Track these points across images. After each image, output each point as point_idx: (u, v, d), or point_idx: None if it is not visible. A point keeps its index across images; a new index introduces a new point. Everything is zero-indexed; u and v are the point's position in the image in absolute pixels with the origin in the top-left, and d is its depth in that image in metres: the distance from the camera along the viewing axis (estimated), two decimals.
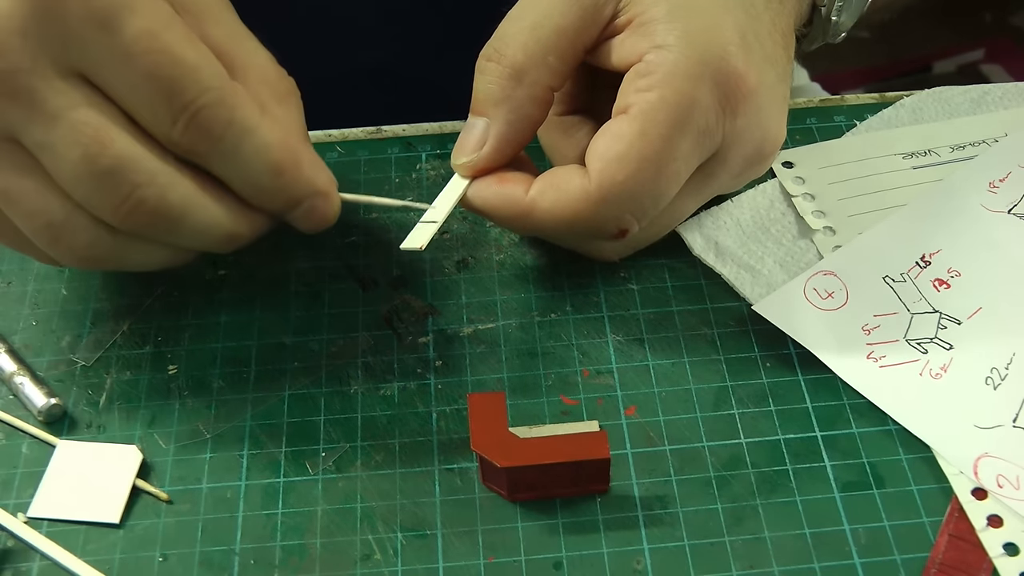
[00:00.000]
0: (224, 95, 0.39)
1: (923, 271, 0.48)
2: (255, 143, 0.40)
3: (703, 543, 0.40)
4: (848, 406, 0.44)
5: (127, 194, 0.38)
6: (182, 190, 0.40)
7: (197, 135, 0.39)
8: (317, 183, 0.42)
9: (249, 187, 0.41)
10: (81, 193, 0.39)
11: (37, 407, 0.44)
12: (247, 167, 0.40)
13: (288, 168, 0.41)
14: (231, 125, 0.39)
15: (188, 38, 0.39)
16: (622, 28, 0.44)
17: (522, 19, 0.44)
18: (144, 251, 0.42)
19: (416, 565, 0.40)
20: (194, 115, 0.38)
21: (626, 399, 0.45)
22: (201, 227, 0.41)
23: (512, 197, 0.44)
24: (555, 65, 0.44)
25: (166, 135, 0.39)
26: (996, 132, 0.54)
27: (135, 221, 0.39)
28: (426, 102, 0.59)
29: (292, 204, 0.42)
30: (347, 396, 0.45)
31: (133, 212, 0.39)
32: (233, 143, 0.39)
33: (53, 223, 0.40)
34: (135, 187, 0.38)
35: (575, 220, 0.43)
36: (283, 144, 0.41)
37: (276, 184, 0.41)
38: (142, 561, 0.41)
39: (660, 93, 0.42)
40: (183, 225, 0.40)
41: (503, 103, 0.44)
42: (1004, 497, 0.41)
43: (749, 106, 0.43)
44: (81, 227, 0.40)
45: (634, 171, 0.42)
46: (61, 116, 0.38)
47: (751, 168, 0.47)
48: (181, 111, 0.38)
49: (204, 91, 0.38)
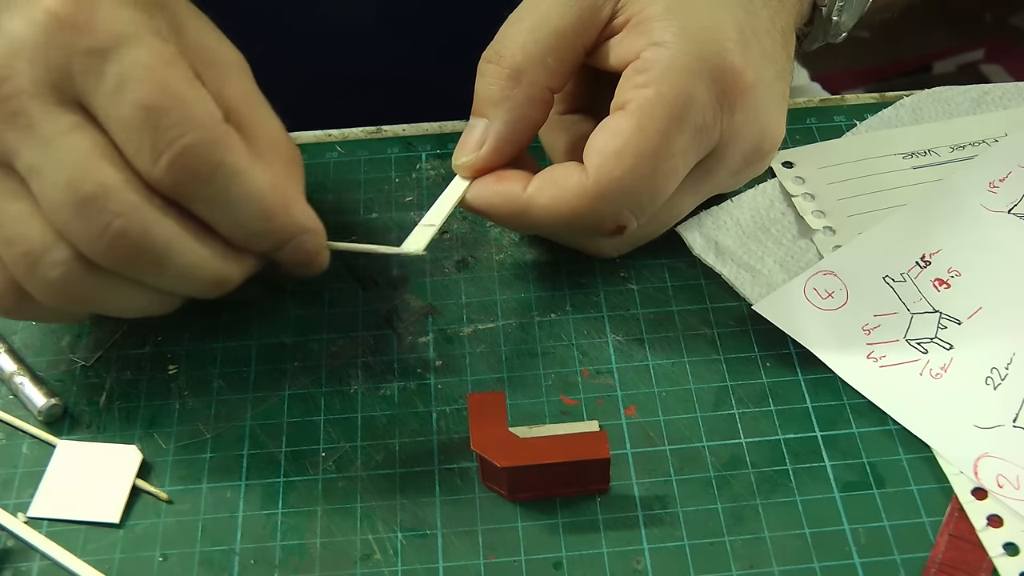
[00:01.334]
0: (215, 136, 0.38)
1: (923, 271, 0.48)
2: (244, 187, 0.39)
3: (703, 543, 0.40)
4: (848, 406, 0.44)
5: (107, 224, 0.37)
6: (166, 227, 0.39)
7: (181, 173, 0.38)
8: (306, 221, 0.41)
9: (235, 230, 0.40)
10: (63, 221, 0.38)
11: (37, 407, 0.44)
12: (235, 211, 0.39)
13: (278, 212, 0.40)
14: (218, 167, 0.38)
15: (187, 78, 0.38)
16: (620, 28, 0.44)
17: (521, 21, 0.45)
18: (124, 293, 0.41)
19: (416, 565, 0.40)
20: (179, 151, 0.37)
21: (626, 399, 0.45)
22: (185, 268, 0.40)
23: (510, 194, 0.44)
24: (554, 66, 0.44)
25: (148, 171, 0.38)
26: (996, 132, 0.54)
27: (115, 254, 0.38)
28: (426, 102, 0.59)
29: (280, 244, 0.41)
30: (347, 396, 0.45)
31: (113, 244, 0.38)
32: (221, 185, 0.38)
33: (32, 251, 0.38)
34: (115, 216, 0.37)
35: (572, 216, 0.43)
36: (272, 188, 0.40)
37: (265, 227, 0.40)
38: (142, 561, 0.41)
39: (657, 89, 0.42)
40: (166, 264, 0.39)
41: (502, 103, 0.44)
42: (1004, 497, 0.41)
43: (747, 102, 0.43)
44: (59, 259, 0.38)
45: (631, 167, 0.42)
46: (52, 140, 0.38)
47: (750, 166, 0.47)
48: (167, 146, 0.37)
49: (192, 129, 0.37)
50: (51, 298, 0.40)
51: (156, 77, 0.37)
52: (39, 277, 0.39)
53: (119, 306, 0.41)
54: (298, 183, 0.43)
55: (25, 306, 0.41)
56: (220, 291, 0.42)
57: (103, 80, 0.37)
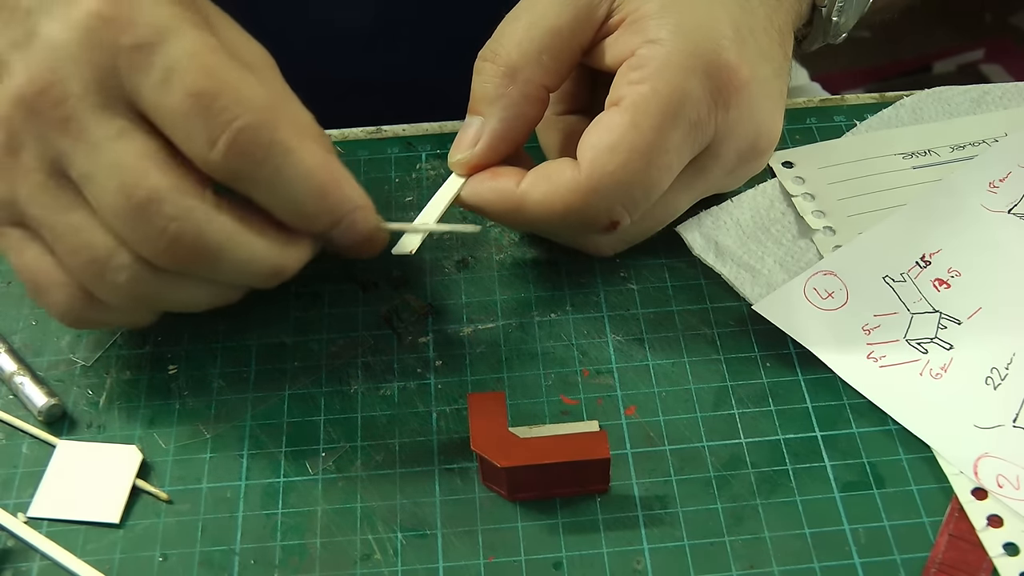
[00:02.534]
0: (265, 116, 0.38)
1: (923, 271, 0.48)
2: (297, 165, 0.39)
3: (703, 543, 0.40)
4: (848, 406, 0.44)
5: (163, 228, 0.38)
6: (220, 225, 0.39)
7: (238, 156, 0.38)
8: (358, 198, 0.42)
9: (292, 210, 0.40)
10: (120, 227, 0.38)
11: (37, 407, 0.44)
12: (291, 190, 0.40)
13: (331, 189, 0.40)
14: (272, 146, 0.38)
15: (231, 64, 0.39)
16: (616, 27, 0.44)
17: (517, 20, 0.45)
18: (189, 289, 0.41)
19: (416, 565, 0.40)
20: (235, 134, 0.38)
21: (626, 399, 0.45)
22: (243, 262, 0.40)
23: (504, 190, 0.44)
24: (549, 64, 0.44)
25: (205, 158, 0.38)
26: (996, 132, 0.54)
27: (173, 256, 0.39)
28: (425, 104, 0.59)
29: (334, 223, 0.41)
30: (347, 396, 0.45)
31: (170, 246, 0.38)
32: (275, 165, 0.39)
33: (97, 259, 0.39)
34: (170, 220, 0.38)
35: (566, 211, 0.43)
36: (324, 165, 0.40)
37: (319, 206, 0.41)
38: (142, 561, 0.41)
39: (652, 85, 0.42)
40: (223, 261, 0.40)
41: (497, 101, 0.44)
42: (1004, 497, 0.41)
43: (741, 99, 0.44)
44: (124, 263, 0.39)
45: (624, 161, 0.42)
46: (103, 146, 0.38)
47: (746, 164, 0.47)
48: (222, 129, 0.38)
49: (245, 111, 0.38)
50: (120, 300, 0.40)
51: (202, 64, 0.38)
52: (107, 282, 0.40)
53: (186, 302, 0.42)
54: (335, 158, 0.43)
55: (94, 313, 0.41)
56: (279, 280, 0.42)
57: (151, 73, 0.38)
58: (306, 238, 0.42)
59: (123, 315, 0.42)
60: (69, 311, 0.41)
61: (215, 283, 0.42)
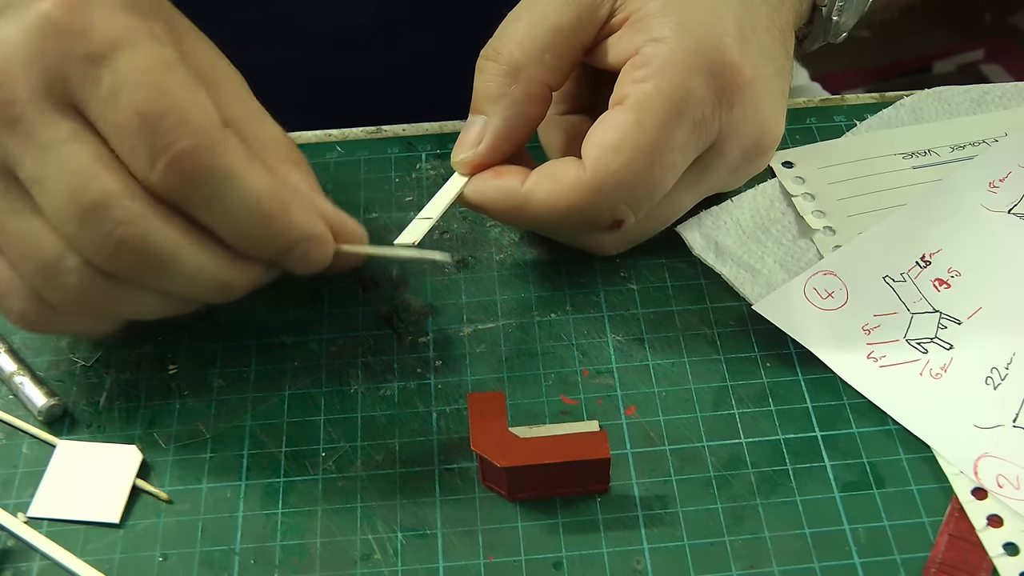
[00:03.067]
0: (210, 140, 0.38)
1: (923, 271, 0.48)
2: (240, 190, 0.39)
3: (703, 543, 0.40)
4: (848, 406, 0.44)
5: (109, 231, 0.37)
6: (167, 234, 0.39)
7: (177, 178, 0.38)
8: (308, 228, 0.41)
9: (235, 234, 0.40)
10: (69, 230, 0.38)
11: (37, 407, 0.44)
12: (231, 214, 0.39)
13: (276, 215, 0.40)
14: (212, 170, 0.38)
15: (184, 82, 0.38)
16: (619, 26, 0.44)
17: (519, 19, 0.45)
18: (140, 298, 0.41)
19: (416, 565, 0.40)
20: (174, 157, 0.37)
21: (626, 399, 0.45)
22: (191, 274, 0.40)
23: (508, 189, 0.44)
24: (552, 63, 0.44)
25: (145, 176, 0.38)
26: (996, 132, 0.54)
27: (120, 262, 0.38)
28: (426, 104, 0.59)
29: (284, 250, 0.41)
30: (347, 396, 0.45)
31: (116, 251, 0.38)
32: (215, 189, 0.38)
33: (46, 264, 0.39)
34: (117, 224, 0.37)
35: (570, 210, 0.43)
36: (271, 191, 0.39)
37: (264, 232, 0.40)
38: (142, 561, 0.41)
39: (656, 84, 0.42)
40: (170, 270, 0.39)
41: (499, 100, 0.44)
42: (1004, 497, 0.41)
43: (745, 97, 0.44)
44: (72, 267, 0.39)
45: (629, 160, 0.42)
46: (51, 148, 0.37)
47: (749, 163, 0.47)
48: (161, 151, 0.37)
49: (188, 133, 0.37)
50: (69, 306, 0.40)
51: (152, 81, 0.37)
52: (56, 287, 0.39)
53: (138, 311, 0.42)
54: (307, 186, 0.43)
55: (49, 318, 0.41)
56: (228, 297, 0.42)
57: (99, 86, 0.37)
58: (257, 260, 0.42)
59: (79, 322, 0.42)
60: (24, 316, 0.41)
61: (165, 293, 0.41)
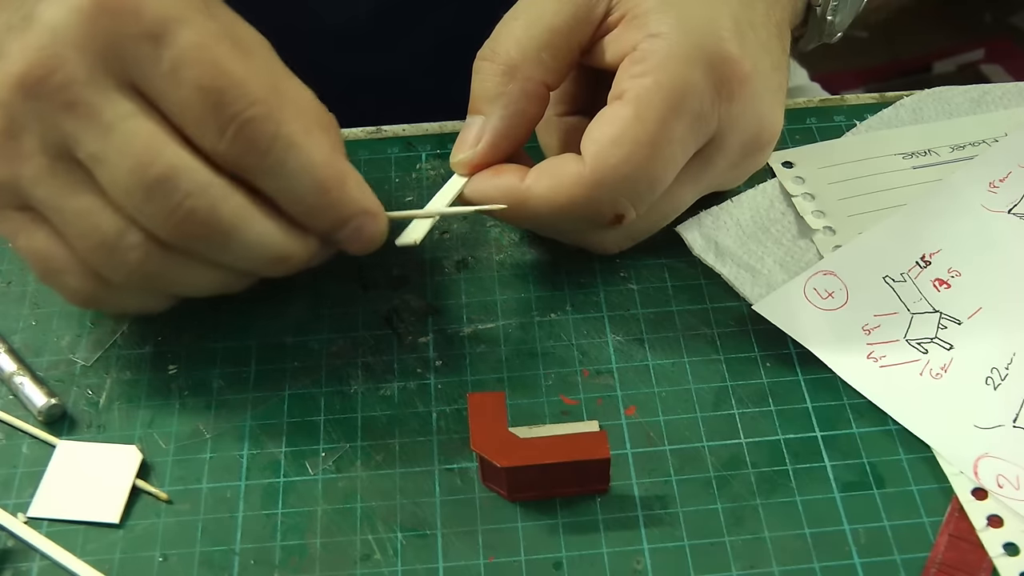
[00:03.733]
0: (271, 108, 0.39)
1: (923, 271, 0.48)
2: (301, 159, 0.40)
3: (703, 543, 0.40)
4: (848, 406, 0.44)
5: (177, 203, 0.38)
6: (233, 203, 0.39)
7: (244, 147, 0.39)
8: (363, 202, 0.42)
9: (296, 204, 0.41)
10: (133, 205, 0.39)
11: (37, 407, 0.44)
12: (293, 183, 0.40)
13: (333, 186, 0.41)
14: (277, 139, 0.39)
15: (237, 54, 0.39)
16: (615, 25, 0.45)
17: (516, 19, 0.45)
18: (198, 272, 0.41)
19: (416, 565, 0.40)
20: (241, 126, 0.38)
21: (626, 399, 0.45)
22: (253, 244, 0.40)
23: (508, 186, 0.44)
24: (548, 62, 0.44)
25: (213, 147, 0.39)
26: (996, 132, 0.54)
27: (186, 232, 0.39)
28: (426, 102, 0.59)
29: (339, 223, 0.42)
30: (347, 396, 0.45)
31: (184, 222, 0.39)
32: (279, 157, 0.39)
33: (106, 241, 0.39)
34: (186, 196, 0.38)
35: (570, 205, 0.43)
36: (328, 162, 0.40)
37: (322, 201, 0.41)
38: (142, 561, 0.41)
39: (655, 78, 0.42)
40: (235, 240, 0.40)
41: (497, 99, 0.45)
42: (1004, 497, 0.41)
43: (744, 91, 0.44)
44: (134, 243, 0.39)
45: (628, 153, 0.42)
46: (114, 127, 0.38)
47: (749, 157, 0.47)
48: (229, 122, 0.38)
49: (251, 103, 0.38)
50: (131, 282, 0.41)
51: (210, 56, 0.38)
52: (117, 263, 0.40)
53: (195, 285, 0.42)
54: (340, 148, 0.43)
55: (107, 295, 0.42)
56: (286, 269, 0.42)
57: (158, 64, 0.38)
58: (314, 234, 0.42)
59: (136, 298, 0.43)
60: (81, 293, 0.42)
61: (223, 267, 0.42)
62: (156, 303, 0.44)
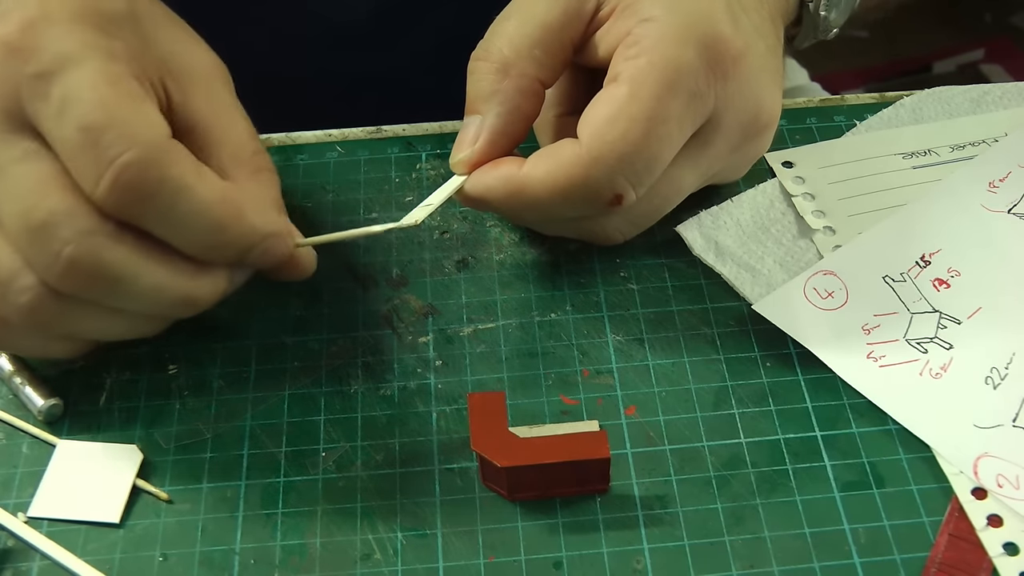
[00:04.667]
0: (156, 153, 0.38)
1: (923, 271, 0.48)
2: (192, 202, 0.38)
3: (703, 543, 0.40)
4: (848, 406, 0.44)
5: (57, 251, 0.38)
6: (119, 251, 0.38)
7: (123, 193, 0.37)
8: (265, 228, 0.41)
9: (192, 244, 0.40)
10: (22, 248, 0.38)
11: (37, 407, 0.44)
12: (186, 226, 0.39)
13: (230, 222, 0.40)
14: (162, 183, 0.38)
15: (130, 96, 0.38)
16: (607, 18, 0.45)
17: (508, 18, 0.46)
18: (97, 317, 0.41)
19: (416, 565, 0.40)
20: (119, 171, 0.37)
21: (626, 399, 0.45)
22: (147, 291, 0.40)
23: (507, 175, 0.44)
24: (542, 58, 0.45)
25: (94, 192, 0.38)
26: (996, 132, 0.54)
27: (71, 281, 0.38)
28: (426, 102, 0.59)
29: (243, 253, 0.41)
30: (347, 396, 0.45)
31: (68, 271, 0.38)
32: (164, 202, 0.38)
33: (1, 280, 0.39)
34: (64, 244, 0.37)
35: (569, 185, 0.43)
36: (222, 199, 0.39)
37: (219, 240, 0.40)
38: (142, 561, 0.41)
39: (648, 58, 0.43)
40: (124, 287, 0.39)
41: (493, 97, 0.45)
42: (1004, 497, 0.41)
43: (739, 71, 0.44)
44: (26, 285, 0.39)
45: (624, 131, 0.42)
46: (5, 169, 0.38)
47: (749, 142, 0.47)
48: (106, 166, 0.37)
49: (132, 146, 0.37)
50: (25, 324, 0.40)
51: (97, 97, 0.37)
52: (10, 304, 0.39)
53: (97, 330, 0.42)
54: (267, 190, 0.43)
55: (8, 337, 0.41)
56: (195, 310, 0.42)
57: (49, 103, 0.37)
58: (220, 268, 0.42)
59: (34, 342, 0.42)
60: None
61: (125, 312, 0.41)
62: (62, 348, 0.43)
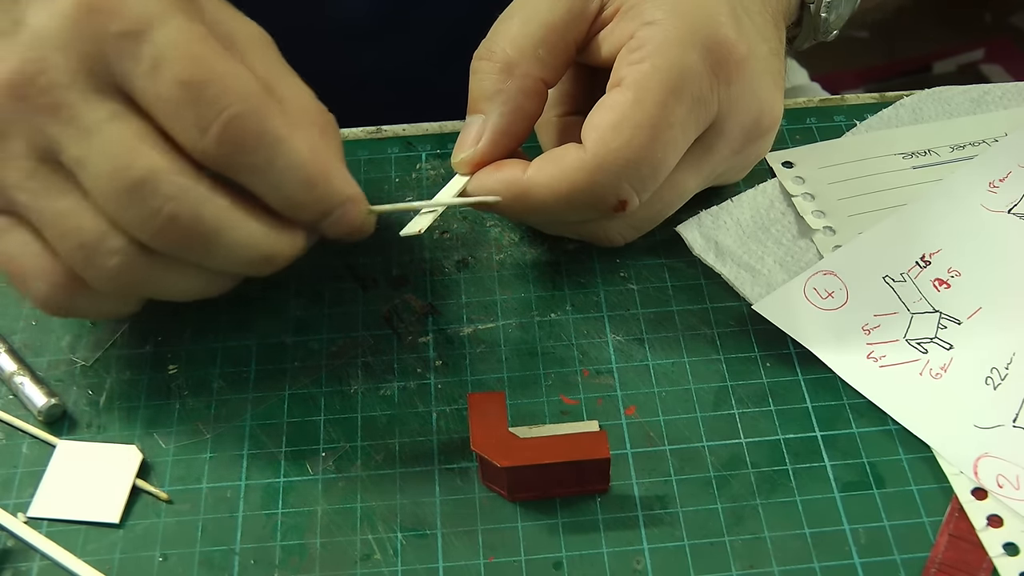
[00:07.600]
0: (256, 105, 0.38)
1: (923, 271, 0.48)
2: (288, 156, 0.39)
3: (703, 543, 0.40)
4: (848, 406, 0.44)
5: (158, 208, 0.38)
6: (216, 206, 0.39)
7: (228, 145, 0.38)
8: (347, 190, 0.42)
9: (283, 200, 0.40)
10: (114, 208, 0.38)
11: (37, 407, 0.44)
12: (280, 180, 0.40)
13: (320, 180, 0.40)
14: (263, 136, 0.38)
15: (221, 52, 0.39)
16: (610, 19, 0.45)
17: (511, 18, 0.45)
18: (180, 275, 0.41)
19: (416, 565, 0.40)
20: (225, 124, 0.38)
21: (626, 399, 0.45)
22: (237, 246, 0.40)
23: (510, 179, 0.44)
24: (545, 58, 0.45)
25: (195, 145, 0.38)
26: (996, 132, 0.54)
27: (168, 237, 0.39)
28: (426, 102, 0.59)
29: (325, 214, 0.41)
30: (347, 396, 0.45)
31: (165, 227, 0.38)
32: (266, 155, 0.39)
33: (87, 243, 0.39)
34: (166, 200, 0.38)
35: (573, 192, 0.43)
36: (313, 157, 0.40)
37: (309, 196, 0.40)
38: (142, 561, 0.41)
39: (652, 63, 0.43)
40: (218, 243, 0.39)
41: (496, 97, 0.45)
42: (1004, 497, 0.41)
43: (742, 74, 0.44)
44: (115, 247, 0.39)
45: (629, 137, 0.42)
46: (95, 130, 0.38)
47: (751, 144, 0.47)
48: (213, 119, 0.38)
49: (235, 100, 0.38)
50: (110, 286, 0.40)
51: (191, 53, 0.38)
52: (97, 267, 0.39)
53: (176, 289, 0.42)
54: (336, 151, 0.43)
55: (78, 301, 0.41)
56: (272, 268, 0.42)
57: (139, 62, 0.38)
58: (300, 228, 0.42)
59: (107, 303, 0.42)
60: (51, 298, 0.41)
61: (206, 270, 0.41)
62: (127, 307, 0.43)
